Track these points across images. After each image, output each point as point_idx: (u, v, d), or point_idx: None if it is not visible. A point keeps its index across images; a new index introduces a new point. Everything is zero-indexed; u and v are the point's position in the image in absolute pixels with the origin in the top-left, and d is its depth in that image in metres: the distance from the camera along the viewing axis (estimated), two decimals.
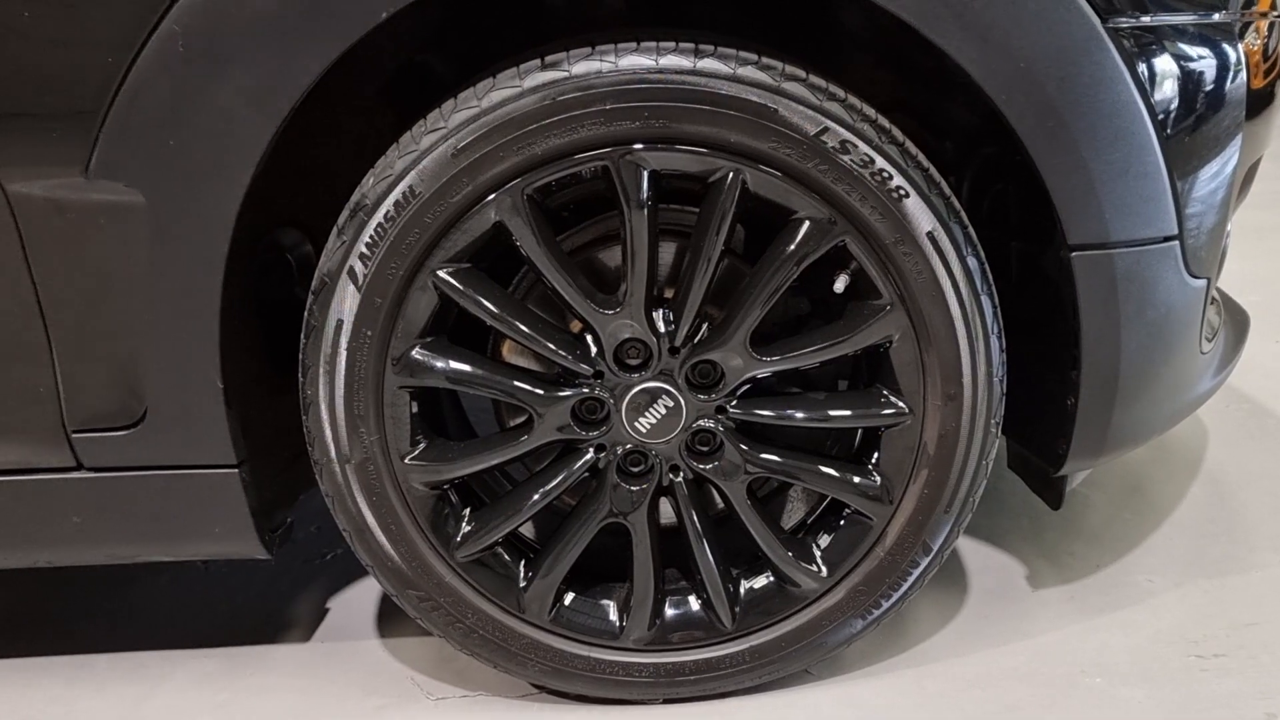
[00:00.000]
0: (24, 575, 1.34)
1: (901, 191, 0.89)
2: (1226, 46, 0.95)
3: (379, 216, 0.90)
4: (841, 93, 0.89)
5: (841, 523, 1.02)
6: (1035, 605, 1.19)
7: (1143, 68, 0.89)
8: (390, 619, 1.23)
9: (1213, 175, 0.96)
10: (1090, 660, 1.08)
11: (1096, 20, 0.86)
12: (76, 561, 1.06)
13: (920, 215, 0.90)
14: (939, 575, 1.21)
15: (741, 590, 1.05)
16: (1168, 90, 0.91)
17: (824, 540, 1.03)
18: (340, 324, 0.92)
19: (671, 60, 0.87)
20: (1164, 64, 0.91)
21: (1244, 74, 0.95)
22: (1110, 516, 1.35)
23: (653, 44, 0.87)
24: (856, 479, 0.99)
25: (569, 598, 1.05)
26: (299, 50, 0.85)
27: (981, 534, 1.33)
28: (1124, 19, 0.88)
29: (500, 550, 1.03)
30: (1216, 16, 0.95)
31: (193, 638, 1.23)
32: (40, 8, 0.84)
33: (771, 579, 1.04)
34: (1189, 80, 0.92)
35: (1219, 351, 1.19)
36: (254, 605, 1.29)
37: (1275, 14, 1.02)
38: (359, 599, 1.29)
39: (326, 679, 1.14)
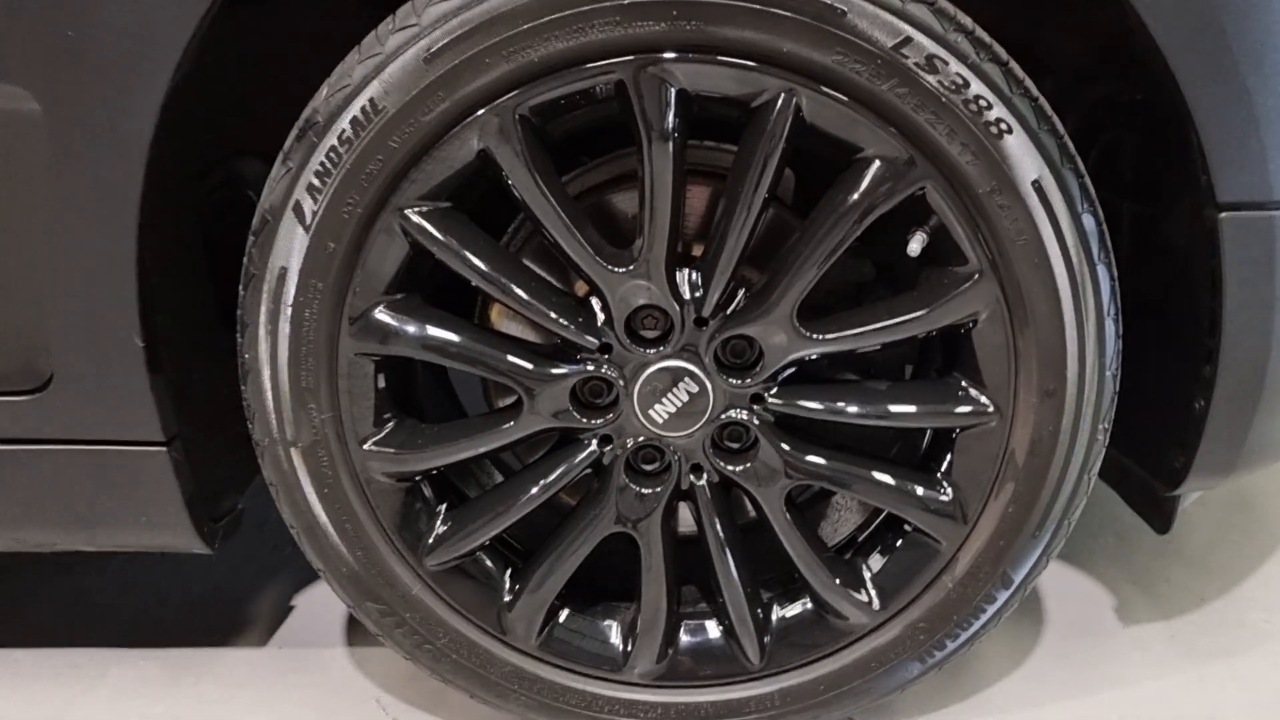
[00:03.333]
0: None
1: (1003, 126, 0.69)
2: None
3: (332, 138, 0.71)
4: (957, 11, 0.69)
5: (901, 543, 0.83)
6: (1127, 645, 0.98)
7: None
8: (357, 630, 1.06)
9: None
10: (1205, 717, 0.88)
11: None
12: None
13: (1025, 158, 0.69)
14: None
15: (773, 619, 0.86)
16: None
17: (877, 563, 0.83)
18: (284, 273, 0.74)
19: None
20: None
21: None
22: (1216, 537, 1.14)
23: None
24: (921, 491, 0.79)
25: (563, 615, 0.86)
26: None
27: (1060, 552, 1.13)
28: None
29: (482, 557, 0.84)
30: None
31: (138, 634, 1.07)
32: None
33: (810, 606, 0.85)
34: None
35: None
36: (210, 598, 1.13)
37: None
38: (329, 597, 1.12)
39: (279, 692, 0.97)
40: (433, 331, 0.77)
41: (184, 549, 0.88)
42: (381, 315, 0.76)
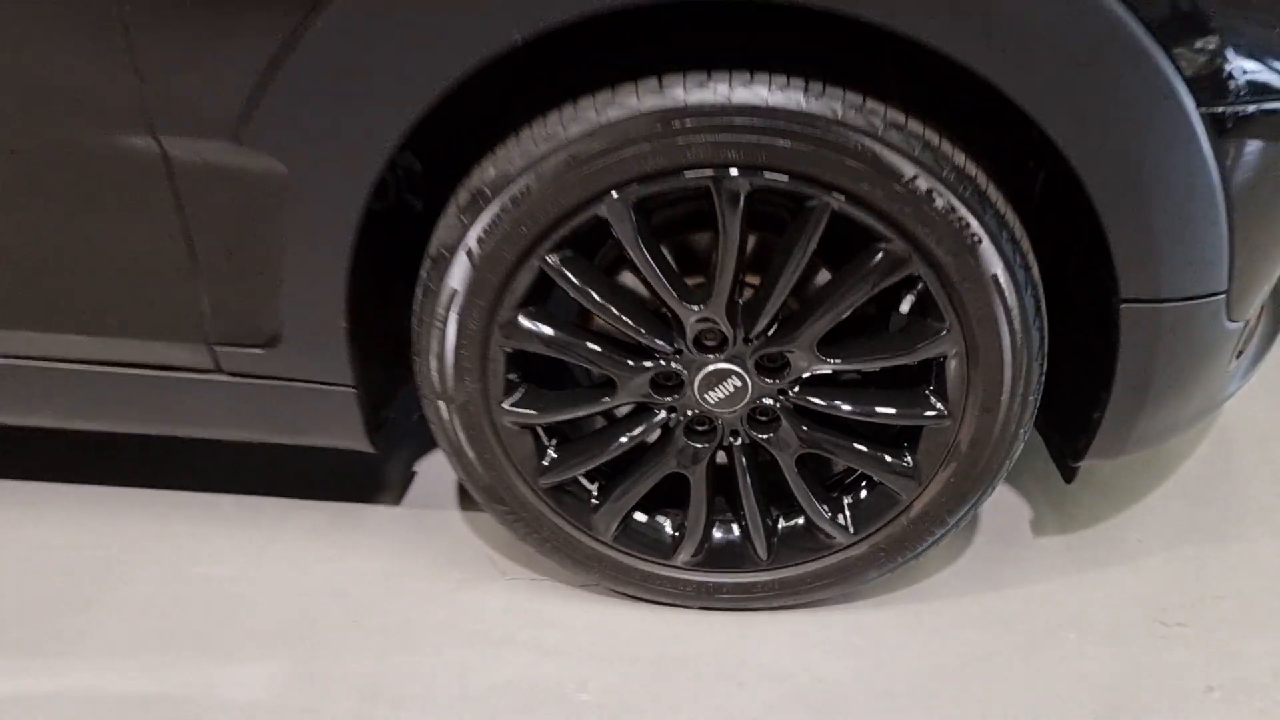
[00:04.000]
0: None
1: (976, 238, 0.96)
2: None
3: (496, 208, 0.99)
4: (935, 139, 0.94)
5: (874, 491, 1.17)
6: (1034, 553, 1.35)
7: (1223, 145, 0.93)
8: (471, 495, 1.42)
9: (1272, 238, 1.02)
10: (1071, 615, 1.26)
11: (1191, 104, 0.90)
12: (217, 437, 1.24)
13: (990, 259, 0.97)
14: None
15: (778, 528, 1.21)
16: (1243, 165, 0.95)
17: (855, 500, 1.18)
18: (455, 293, 1.04)
19: (782, 98, 0.92)
20: (1243, 143, 0.94)
21: None
22: (1121, 468, 1.48)
23: (766, 77, 0.92)
24: (890, 460, 1.13)
25: (634, 516, 1.22)
26: (440, 58, 0.91)
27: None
28: (1219, 105, 0.91)
29: (579, 478, 1.19)
30: None
31: (303, 487, 1.44)
32: None
33: (803, 524, 1.20)
34: (1264, 156, 0.95)
35: (1251, 353, 1.27)
36: (351, 460, 1.48)
37: None
38: (442, 468, 1.47)
39: (416, 545, 1.35)
40: (555, 334, 1.07)
41: (358, 449, 1.23)
42: (522, 321, 1.06)
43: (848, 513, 1.18)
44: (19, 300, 1.12)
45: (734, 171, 0.96)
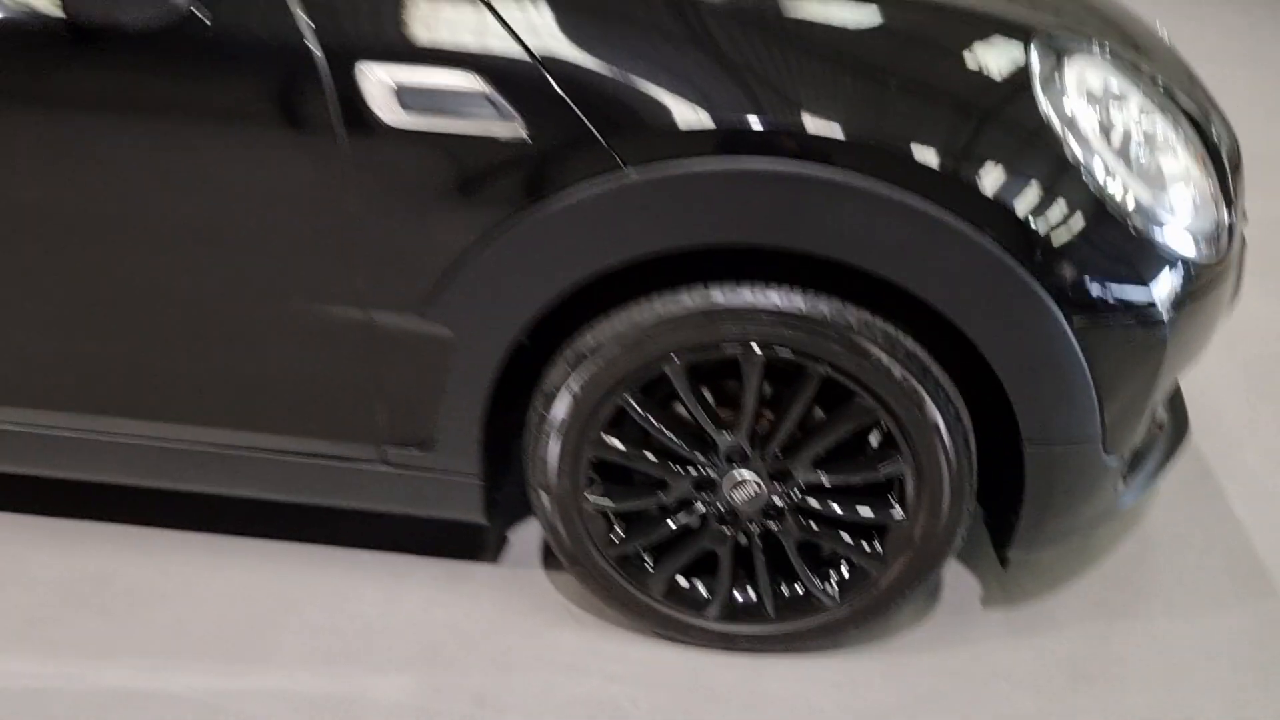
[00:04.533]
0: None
1: (921, 398, 1.40)
2: (1153, 323, 1.40)
3: (592, 364, 1.45)
4: (891, 330, 1.39)
5: (853, 569, 1.60)
6: (980, 619, 1.76)
7: (1086, 340, 1.36)
8: (552, 555, 1.86)
9: (1133, 394, 1.44)
10: (1003, 668, 1.67)
11: (1062, 316, 1.34)
12: (375, 510, 1.70)
13: (932, 412, 1.41)
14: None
15: (784, 593, 1.64)
16: (1102, 351, 1.38)
17: (839, 575, 1.61)
18: (561, 420, 1.49)
19: (786, 302, 1.37)
20: (1106, 333, 1.37)
21: (1164, 334, 1.41)
22: (1055, 556, 1.89)
23: (776, 288, 1.38)
24: (863, 547, 1.56)
25: (678, 579, 1.65)
26: (565, 268, 1.38)
27: (963, 555, 1.89)
28: (1081, 316, 1.35)
29: (639, 550, 1.63)
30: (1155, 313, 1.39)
31: (426, 546, 1.88)
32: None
33: (802, 591, 1.63)
34: (1123, 340, 1.39)
35: (1149, 468, 1.69)
36: (464, 528, 1.93)
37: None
38: (529, 534, 1.92)
39: (511, 595, 1.79)
40: (627, 449, 1.53)
41: (474, 521, 1.68)
42: (605, 438, 1.51)
43: (834, 584, 1.61)
44: (246, 409, 1.59)
45: (754, 347, 1.41)
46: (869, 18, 1.40)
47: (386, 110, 1.31)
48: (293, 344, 1.50)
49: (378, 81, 1.30)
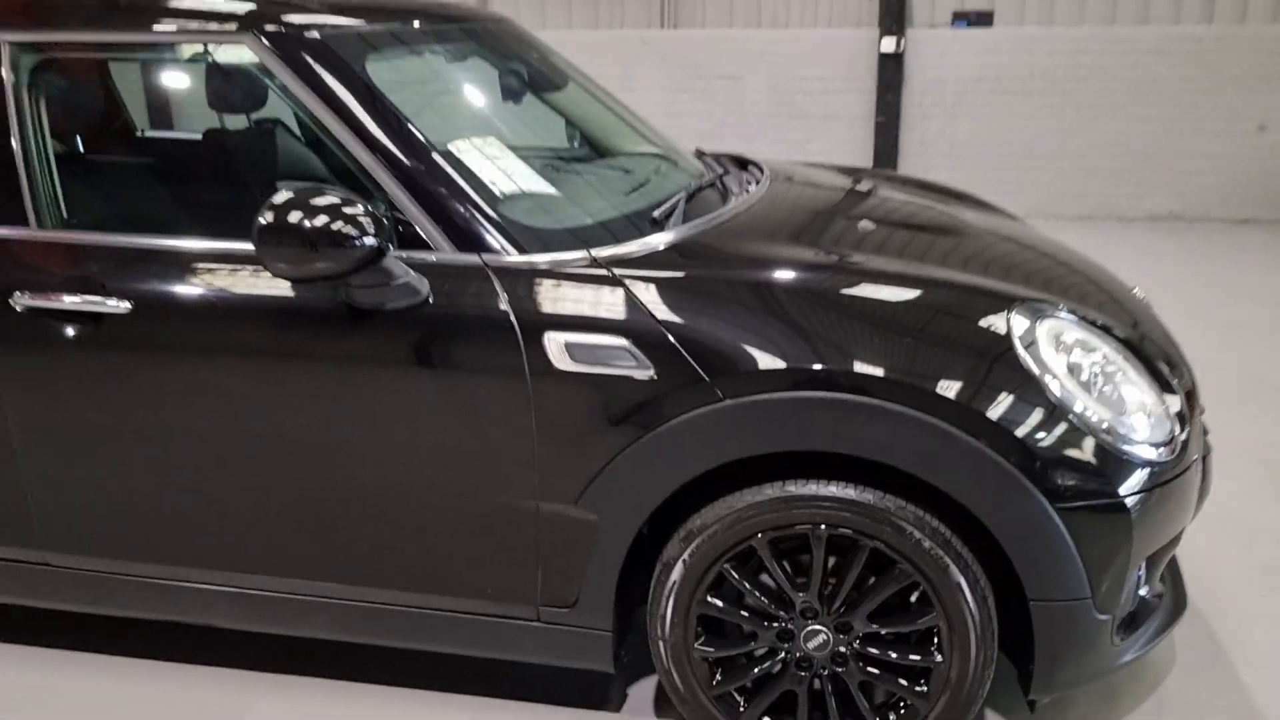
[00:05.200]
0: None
1: (946, 565, 1.88)
2: (1120, 509, 1.87)
3: (699, 540, 1.96)
4: (922, 512, 1.88)
5: (906, 706, 2.02)
6: None
7: (1074, 525, 1.84)
8: (661, 706, 2.30)
9: (1112, 563, 1.89)
10: None
11: (1047, 503, 1.82)
12: (524, 660, 2.18)
13: (957, 575, 1.88)
14: None
15: None
16: (1084, 531, 1.85)
17: (895, 711, 2.03)
18: (675, 584, 1.99)
19: (842, 492, 1.89)
20: (1084, 516, 1.85)
21: (1130, 517, 1.87)
22: (1080, 702, 2.27)
23: (836, 482, 1.90)
24: (916, 689, 1.99)
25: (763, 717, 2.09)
26: (685, 465, 1.92)
27: (999, 703, 2.27)
28: (1062, 504, 1.83)
29: (732, 693, 2.08)
30: (1120, 495, 1.87)
31: (550, 694, 2.34)
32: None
33: None
34: (1098, 522, 1.86)
35: (1148, 631, 2.09)
36: (582, 678, 2.39)
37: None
38: (644, 689, 2.37)
39: None
40: (725, 607, 2.01)
41: (605, 670, 2.15)
42: (709, 599, 2.00)
43: (891, 718, 2.03)
44: (436, 577, 2.12)
45: (820, 527, 1.91)
46: (895, 294, 1.99)
47: (560, 360, 1.91)
48: (481, 527, 2.05)
49: (555, 342, 1.91)
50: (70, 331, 2.08)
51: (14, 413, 2.15)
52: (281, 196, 1.83)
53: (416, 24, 2.43)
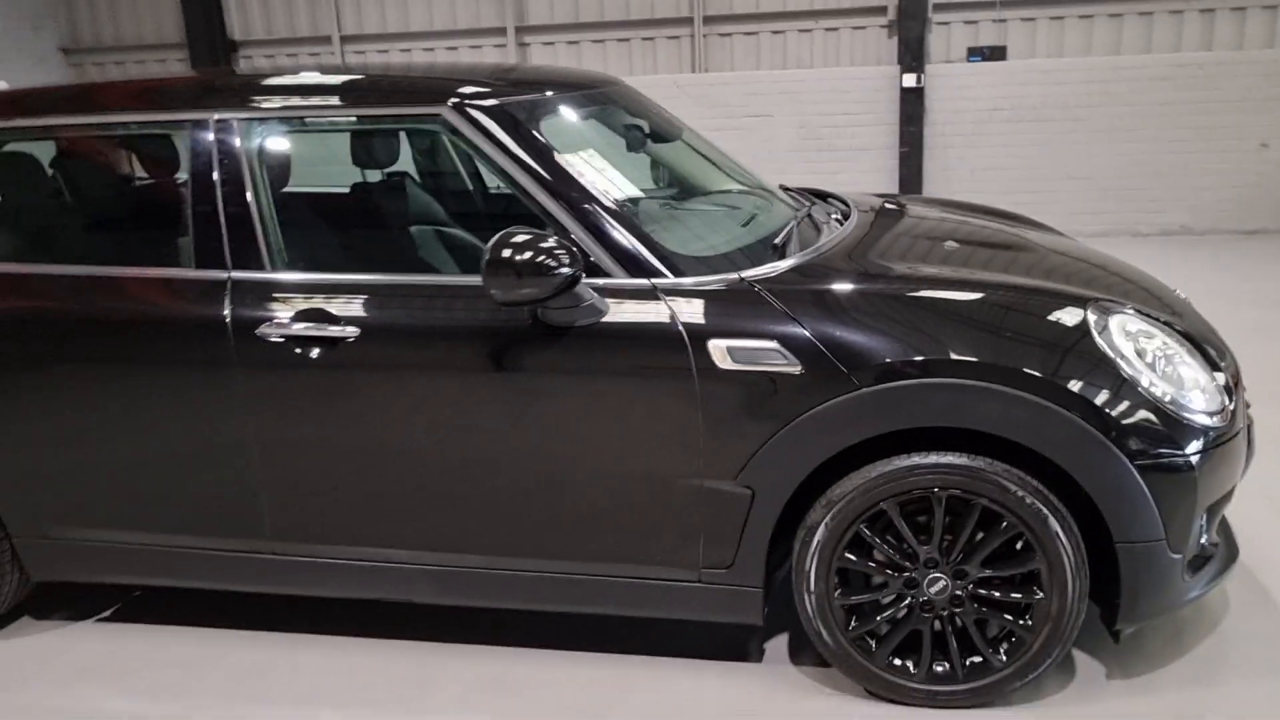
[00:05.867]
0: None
1: (1044, 516, 2.30)
2: (1186, 466, 2.29)
3: (838, 506, 2.38)
4: (1022, 474, 2.31)
5: (1013, 640, 2.43)
6: (1106, 686, 2.54)
7: (1146, 475, 2.26)
8: (798, 652, 2.70)
9: (1182, 510, 2.31)
10: (1122, 713, 2.43)
11: (1128, 462, 2.25)
12: (683, 618, 2.59)
13: (1054, 525, 2.30)
14: (1064, 663, 2.58)
15: (967, 662, 2.46)
16: (1159, 483, 2.27)
17: (1006, 645, 2.44)
18: (819, 544, 2.42)
19: (955, 460, 2.31)
20: (1157, 472, 2.27)
21: (1195, 472, 2.30)
22: (1158, 650, 2.67)
23: (945, 452, 2.32)
24: (1022, 623, 2.40)
25: (894, 658, 2.49)
26: (829, 442, 2.35)
27: (1090, 650, 2.68)
28: (1140, 461, 2.25)
29: (865, 635, 2.49)
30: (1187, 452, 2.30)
31: (702, 650, 2.75)
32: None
33: (980, 659, 2.45)
34: (1169, 476, 2.28)
35: (1210, 572, 2.51)
36: (726, 632, 2.79)
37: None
38: (778, 644, 2.77)
39: (776, 681, 2.63)
40: (859, 560, 2.43)
41: (754, 623, 2.56)
42: (846, 555, 2.42)
43: (1003, 652, 2.44)
44: (614, 548, 2.54)
45: (936, 490, 2.34)
46: (992, 298, 2.43)
47: (723, 361, 2.35)
48: (653, 504, 2.48)
49: (718, 347, 2.35)
50: (306, 354, 2.53)
51: (254, 425, 2.59)
52: (500, 237, 2.28)
53: (562, 90, 2.89)
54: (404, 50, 9.16)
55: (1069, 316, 2.40)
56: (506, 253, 2.28)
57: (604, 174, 2.67)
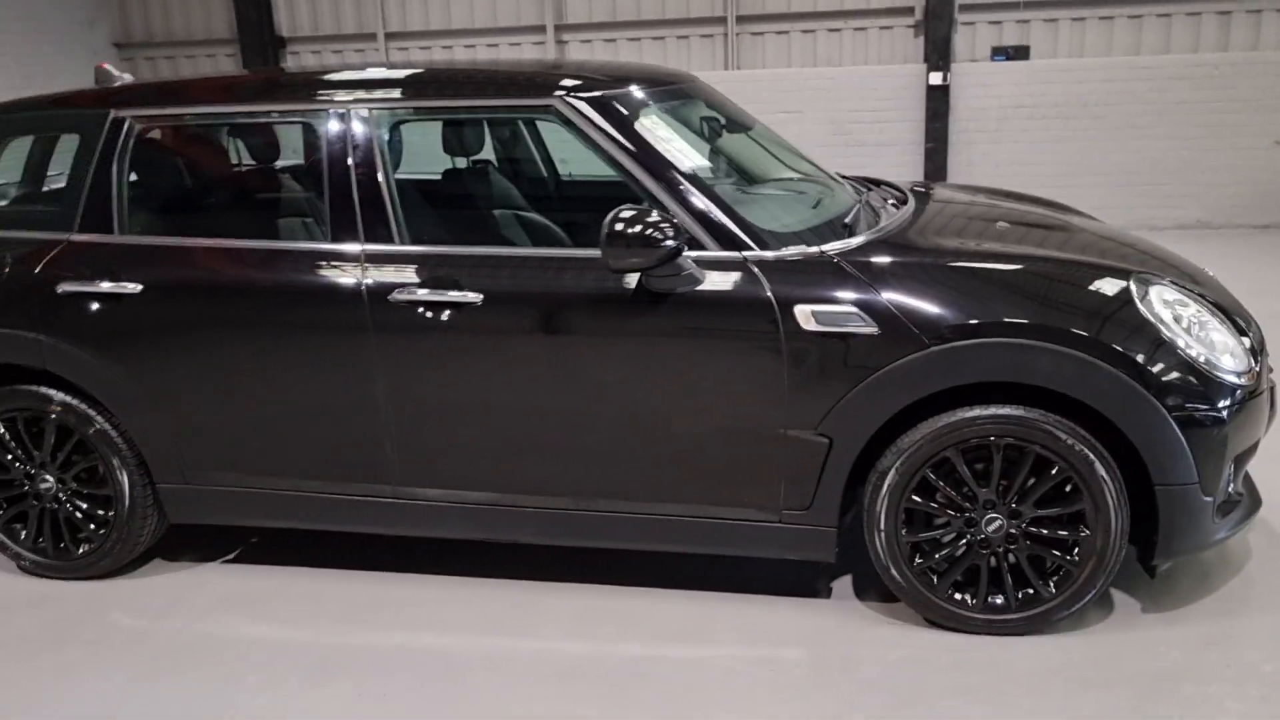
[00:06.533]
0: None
1: (1090, 461, 2.61)
2: (1218, 418, 2.61)
3: (908, 453, 2.69)
4: (1071, 424, 2.62)
5: (1061, 573, 2.74)
6: (1142, 618, 2.85)
7: (1182, 423, 2.57)
8: (864, 588, 3.02)
9: (1214, 457, 2.62)
10: (1158, 641, 2.75)
11: (1167, 414, 2.56)
12: (763, 556, 2.91)
13: (1100, 470, 2.61)
14: (1103, 599, 2.89)
15: (1020, 594, 2.78)
16: (1194, 432, 2.59)
17: (1056, 577, 2.75)
18: (889, 488, 2.73)
19: (1010, 411, 2.62)
20: (1193, 423, 2.59)
21: (1225, 423, 2.61)
22: (1188, 588, 2.98)
23: (1012, 405, 2.63)
24: (1070, 558, 2.71)
25: (953, 588, 2.81)
26: (898, 398, 2.66)
27: (1128, 589, 2.98)
28: (1178, 413, 2.56)
29: (929, 569, 2.80)
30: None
31: (776, 586, 3.06)
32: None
33: (1031, 591, 2.76)
34: (1203, 426, 2.59)
35: (1235, 517, 2.82)
36: (796, 569, 3.11)
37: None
38: (843, 583, 3.09)
39: (845, 614, 2.95)
40: (923, 502, 2.74)
41: (827, 560, 2.88)
42: (913, 498, 2.74)
43: (1052, 584, 2.75)
44: (704, 491, 2.86)
45: (993, 438, 2.65)
46: (1046, 269, 2.75)
47: (807, 323, 2.66)
48: (742, 450, 2.79)
49: (803, 311, 2.67)
50: (434, 317, 2.85)
51: (384, 380, 2.92)
52: (614, 213, 2.60)
53: (649, 85, 3.21)
54: (445, 47, 9.48)
55: (1113, 286, 2.71)
56: (619, 226, 2.59)
57: (693, 159, 2.98)
